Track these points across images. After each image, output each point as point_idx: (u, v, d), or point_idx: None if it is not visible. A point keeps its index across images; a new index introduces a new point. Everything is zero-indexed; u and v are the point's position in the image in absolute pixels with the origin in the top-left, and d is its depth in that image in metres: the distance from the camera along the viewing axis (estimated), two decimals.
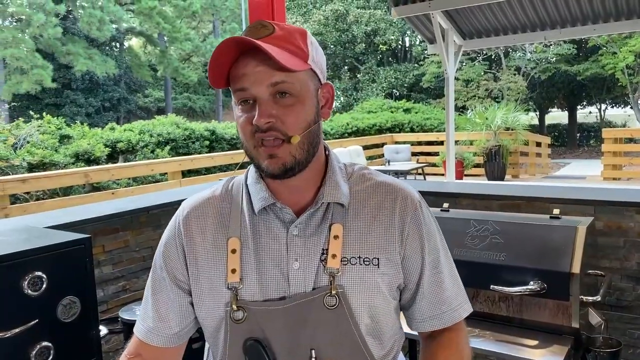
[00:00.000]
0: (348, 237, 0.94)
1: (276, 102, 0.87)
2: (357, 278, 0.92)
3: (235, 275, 0.92)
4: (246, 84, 0.86)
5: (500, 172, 10.50)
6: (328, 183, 0.96)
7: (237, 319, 0.92)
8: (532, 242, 1.84)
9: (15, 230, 1.70)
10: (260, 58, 0.85)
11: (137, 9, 23.82)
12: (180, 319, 1.00)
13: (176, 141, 8.85)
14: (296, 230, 0.93)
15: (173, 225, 1.01)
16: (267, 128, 0.86)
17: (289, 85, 0.86)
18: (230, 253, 0.94)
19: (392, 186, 1.00)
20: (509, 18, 6.22)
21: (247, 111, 0.88)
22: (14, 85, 20.11)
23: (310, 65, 0.91)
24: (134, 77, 26.79)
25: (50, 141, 7.21)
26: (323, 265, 0.92)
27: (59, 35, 21.03)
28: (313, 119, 0.91)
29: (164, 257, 1.00)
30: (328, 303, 0.91)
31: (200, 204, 1.01)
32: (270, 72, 0.85)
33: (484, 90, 17.32)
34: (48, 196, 6.22)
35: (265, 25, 0.89)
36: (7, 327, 1.37)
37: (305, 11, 22.37)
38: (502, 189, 2.57)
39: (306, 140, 0.90)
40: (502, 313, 1.90)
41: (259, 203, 0.94)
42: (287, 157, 0.88)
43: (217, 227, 0.97)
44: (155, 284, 1.01)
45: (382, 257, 0.94)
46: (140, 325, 1.02)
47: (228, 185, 1.03)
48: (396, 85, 21.81)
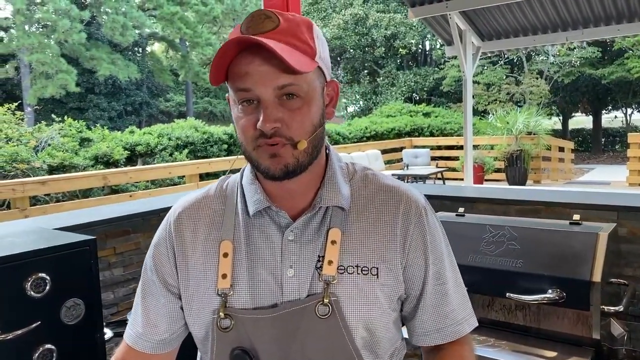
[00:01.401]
0: (346, 244, 0.88)
1: (282, 104, 0.80)
2: (354, 288, 0.86)
3: (226, 281, 0.87)
4: (249, 84, 0.79)
5: (521, 177, 10.32)
6: (327, 185, 0.90)
7: (224, 327, 0.87)
8: (551, 248, 1.77)
9: (24, 232, 1.69)
10: (264, 56, 0.78)
11: (159, 15, 24.17)
12: (170, 324, 0.95)
13: (195, 144, 8.91)
14: (292, 235, 0.88)
15: (164, 226, 0.97)
16: (271, 133, 0.80)
17: (296, 87, 0.80)
18: (222, 257, 0.89)
19: (396, 189, 0.94)
20: (529, 18, 6.08)
21: (249, 112, 0.81)
22: (39, 89, 20.54)
23: (318, 62, 0.84)
24: (156, 81, 27.16)
25: (71, 144, 7.32)
26: (319, 272, 0.86)
27: (83, 41, 21.43)
28: (319, 121, 0.85)
29: (154, 260, 0.96)
30: (320, 312, 0.85)
31: (193, 204, 0.96)
32: (277, 73, 0.78)
33: (505, 94, 17.08)
34: (68, 198, 6.31)
35: (270, 17, 0.82)
36: (10, 328, 1.35)
37: (325, 15, 22.39)
38: (520, 194, 2.49)
39: (311, 144, 0.84)
40: (519, 322, 1.83)
41: (254, 206, 0.89)
42: (289, 158, 0.82)
43: (210, 229, 0.92)
44: (145, 287, 0.97)
45: (382, 267, 0.88)
46: (130, 330, 0.98)
47: (223, 185, 0.98)
48: (416, 89, 21.68)
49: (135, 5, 23.48)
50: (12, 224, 2.22)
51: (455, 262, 0.99)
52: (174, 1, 24.19)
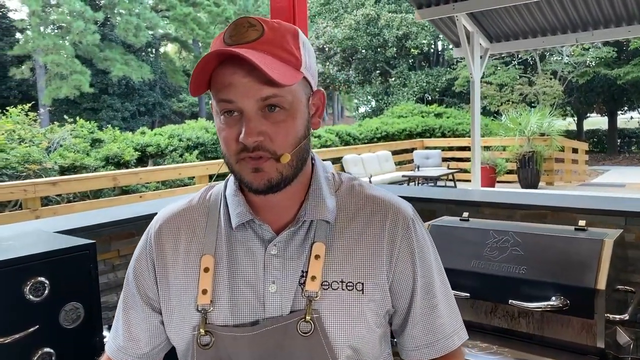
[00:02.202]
0: (331, 258, 0.86)
1: (265, 116, 0.78)
2: (338, 304, 0.84)
3: (206, 297, 0.85)
4: (232, 96, 0.77)
5: (533, 178, 10.21)
6: (312, 198, 0.87)
7: (204, 344, 0.85)
8: (555, 255, 1.74)
9: (24, 235, 1.70)
10: (247, 67, 0.76)
11: (172, 16, 24.36)
12: (150, 338, 0.93)
13: (205, 145, 8.94)
14: (275, 249, 0.85)
15: (145, 238, 0.95)
16: (255, 147, 0.78)
17: (280, 99, 0.78)
18: (203, 272, 0.86)
19: (382, 200, 0.91)
20: (537, 20, 6.02)
21: (231, 124, 0.79)
22: (54, 90, 20.81)
23: (303, 73, 0.82)
24: (169, 82, 27.36)
25: (82, 145, 7.39)
26: (302, 288, 0.84)
27: (97, 42, 21.69)
28: (304, 133, 0.83)
29: (134, 273, 0.94)
30: (302, 329, 0.82)
31: (174, 215, 0.94)
32: (260, 85, 0.76)
33: (518, 94, 16.93)
34: (79, 198, 6.36)
35: (254, 25, 0.79)
36: (8, 332, 1.36)
37: (337, 16, 22.38)
38: (526, 198, 2.46)
39: (295, 157, 0.81)
40: (522, 329, 1.80)
41: (237, 218, 0.86)
42: (273, 172, 0.80)
43: (191, 242, 0.90)
44: (127, 300, 0.95)
45: (368, 282, 0.86)
46: (112, 342, 0.96)
47: (206, 195, 0.95)
48: (428, 89, 21.58)
49: (148, 7, 23.68)
50: (13, 226, 2.24)
51: (445, 274, 0.97)
52: (186, 2, 24.37)
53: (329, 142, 10.93)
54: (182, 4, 24.17)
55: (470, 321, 1.86)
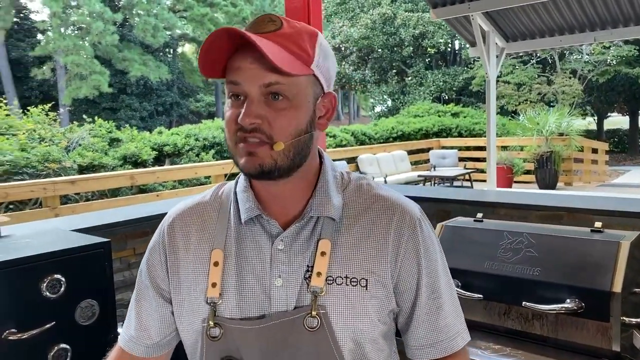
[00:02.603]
0: (336, 254, 0.87)
1: (267, 103, 0.81)
2: (342, 299, 0.85)
3: (215, 290, 0.88)
4: (239, 78, 0.81)
5: (551, 179, 10.08)
6: (318, 195, 0.89)
7: (213, 336, 0.87)
8: (570, 257, 1.72)
9: (42, 233, 1.73)
10: (256, 55, 0.79)
11: (189, 16, 24.57)
12: (161, 328, 0.96)
13: (221, 145, 9.01)
14: (281, 244, 0.87)
15: (159, 231, 0.98)
16: (251, 129, 0.80)
17: (282, 87, 0.80)
18: (213, 266, 0.89)
19: (389, 200, 0.92)
20: (554, 19, 5.94)
21: (236, 107, 0.82)
22: (74, 90, 21.15)
23: (313, 70, 0.84)
24: (186, 82, 27.62)
25: (100, 144, 7.50)
26: (307, 283, 0.86)
27: (116, 42, 21.98)
28: (305, 128, 0.84)
29: (147, 264, 0.97)
30: (309, 324, 0.84)
31: (187, 210, 0.97)
32: (265, 71, 0.79)
33: (536, 94, 16.73)
34: (97, 197, 6.46)
35: (274, 20, 0.84)
36: (25, 328, 1.39)
37: (353, 15, 22.34)
38: (541, 199, 2.43)
39: (292, 148, 0.83)
40: (536, 332, 1.78)
41: (245, 213, 0.89)
42: (266, 158, 0.81)
43: (202, 236, 0.93)
44: (139, 291, 0.98)
45: (371, 279, 0.87)
46: (124, 332, 1.00)
47: (218, 192, 0.98)
48: (445, 88, 21.43)
49: (166, 7, 23.92)
50: (31, 224, 2.28)
51: (450, 276, 0.97)
52: (204, 3, 24.56)
53: (344, 142, 10.92)
54: (200, 4, 24.36)
55: (483, 323, 1.85)
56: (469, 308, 1.84)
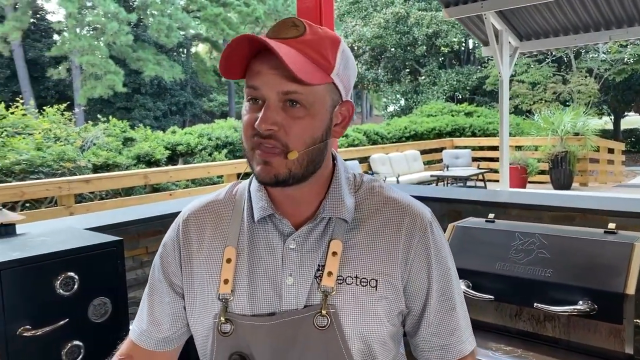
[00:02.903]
0: (347, 254, 0.88)
1: (285, 109, 0.81)
2: (352, 299, 0.86)
3: (227, 286, 0.89)
4: (258, 82, 0.81)
5: (566, 179, 9.97)
6: (331, 196, 0.90)
7: (225, 331, 0.88)
8: (582, 258, 1.70)
9: (56, 231, 1.76)
10: (277, 61, 0.79)
11: (203, 16, 24.70)
12: (173, 323, 0.98)
13: (234, 144, 9.05)
14: (293, 243, 0.89)
15: (174, 227, 1.00)
16: (267, 135, 0.81)
17: (301, 96, 0.81)
18: (225, 262, 0.90)
19: (401, 203, 0.93)
20: (569, 17, 5.86)
21: (253, 110, 0.83)
22: (89, 90, 21.39)
23: (333, 79, 0.84)
24: (200, 82, 27.78)
25: (115, 143, 7.58)
26: (317, 282, 0.87)
27: (130, 42, 22.18)
28: (321, 136, 0.85)
29: (161, 259, 0.99)
30: (318, 323, 0.85)
31: (202, 208, 0.98)
32: (283, 79, 0.79)
33: (551, 93, 16.55)
34: (111, 196, 6.53)
35: (297, 25, 0.83)
36: (40, 325, 1.41)
37: (366, 14, 22.29)
38: (554, 200, 2.40)
39: (307, 157, 0.83)
40: (548, 333, 1.76)
41: (258, 212, 0.90)
42: (281, 168, 0.82)
43: (216, 233, 0.94)
44: (152, 285, 1.00)
45: (381, 280, 0.88)
46: (135, 326, 1.01)
47: (232, 191, 1.00)
48: (458, 88, 21.29)
49: (180, 7, 24.07)
50: (47, 223, 2.32)
51: (459, 280, 0.98)
52: (217, 2, 24.67)
53: (356, 142, 10.91)
54: (213, 4, 24.48)
55: (495, 324, 1.84)
56: (480, 309, 1.84)
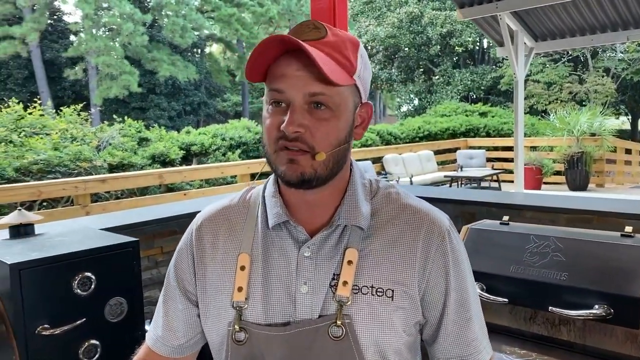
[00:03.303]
0: (362, 263, 0.87)
1: (310, 112, 0.81)
2: (367, 309, 0.85)
3: (242, 294, 0.88)
4: (283, 85, 0.81)
5: (582, 180, 9.85)
6: (346, 203, 0.89)
7: (239, 340, 0.87)
8: (598, 262, 1.68)
9: (73, 231, 1.78)
10: (303, 62, 0.79)
11: (217, 16, 24.82)
12: (187, 330, 0.98)
13: (247, 145, 9.08)
14: (308, 251, 0.87)
15: (187, 234, 1.00)
16: (294, 137, 0.80)
17: (327, 98, 0.80)
18: (239, 270, 0.90)
19: (418, 210, 0.91)
20: (585, 17, 5.77)
21: (277, 114, 0.82)
22: (104, 90, 21.61)
23: (355, 80, 0.85)
24: (214, 82, 27.92)
25: (130, 143, 7.64)
26: (332, 291, 0.85)
27: (145, 43, 22.36)
28: (344, 137, 0.85)
29: (175, 266, 0.99)
30: (333, 334, 0.84)
31: (215, 213, 0.98)
32: (311, 80, 0.79)
33: (567, 93, 16.36)
34: (126, 195, 6.59)
35: (318, 28, 0.83)
36: (58, 324, 1.43)
37: (379, 14, 22.22)
38: (570, 202, 2.38)
39: (332, 158, 0.83)
40: (563, 337, 1.75)
41: (273, 219, 0.89)
42: (307, 167, 0.81)
43: (229, 240, 0.93)
44: (167, 291, 1.00)
45: (398, 289, 0.86)
46: (151, 331, 1.02)
47: (246, 196, 0.99)
48: (472, 87, 21.14)
49: (194, 8, 24.22)
50: (64, 223, 2.35)
51: (476, 287, 0.96)
52: (231, 3, 24.77)
53: (369, 142, 10.88)
54: (227, 4, 24.59)
55: (509, 327, 1.83)
56: (494, 312, 1.83)
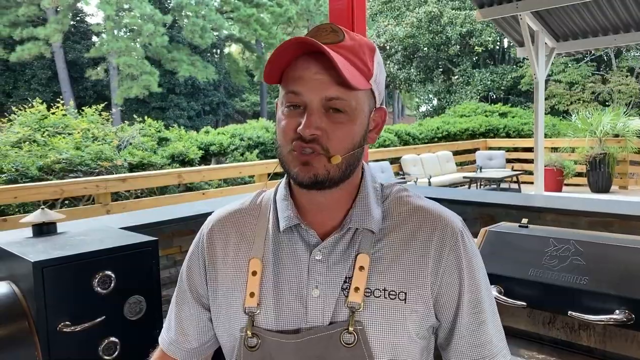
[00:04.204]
0: (375, 266, 0.86)
1: (327, 115, 0.81)
2: (380, 313, 0.84)
3: (254, 300, 0.88)
4: (300, 88, 0.81)
5: (605, 182, 9.67)
6: (358, 206, 0.89)
7: (251, 345, 0.87)
8: (619, 266, 1.65)
9: (94, 230, 1.81)
10: (322, 65, 0.80)
11: (236, 17, 25.00)
12: (200, 334, 0.98)
13: (265, 145, 9.11)
14: (319, 254, 0.87)
15: (198, 237, 1.00)
16: (309, 140, 0.80)
17: (344, 102, 0.81)
18: (251, 275, 0.89)
19: (431, 212, 0.90)
20: (608, 17, 5.65)
21: (293, 115, 0.82)
22: (125, 90, 21.92)
23: (371, 85, 0.85)
24: (232, 82, 28.13)
25: (150, 143, 7.73)
26: (344, 295, 0.85)
27: (166, 44, 22.64)
28: (359, 141, 0.85)
29: (187, 270, 0.99)
30: (345, 340, 0.83)
31: (226, 217, 0.97)
32: (329, 84, 0.80)
33: (589, 93, 16.08)
34: (146, 194, 6.67)
35: (336, 31, 0.83)
36: (78, 321, 1.46)
37: (398, 14, 22.11)
38: (591, 205, 2.34)
39: (345, 161, 0.84)
40: (583, 342, 1.72)
41: (284, 222, 0.89)
42: (321, 169, 0.82)
43: (240, 244, 0.93)
44: (179, 295, 1.01)
45: (411, 292, 0.85)
46: (164, 335, 1.02)
47: (257, 199, 0.99)
48: (492, 87, 20.91)
49: (214, 9, 24.41)
50: (85, 222, 2.39)
51: (491, 290, 0.95)
52: (250, 3, 24.92)
53: (387, 142, 10.84)
54: (246, 5, 24.75)
55: (527, 331, 1.81)
56: (512, 315, 1.81)
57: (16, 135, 6.98)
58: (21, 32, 20.38)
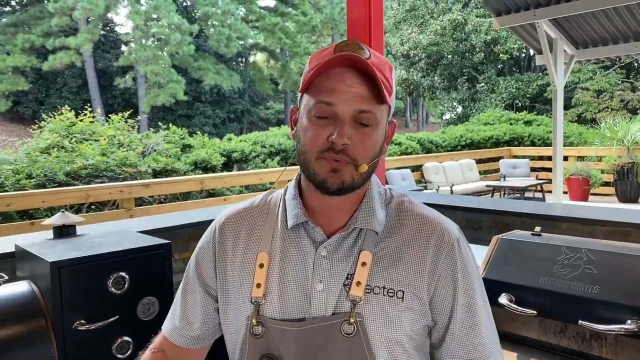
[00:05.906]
0: (375, 265, 0.91)
1: (355, 126, 0.87)
2: (378, 308, 0.89)
3: (260, 290, 0.93)
4: (335, 100, 0.86)
5: (633, 192, 9.44)
6: (364, 208, 0.94)
7: (256, 333, 0.92)
8: (632, 275, 1.63)
9: (111, 233, 1.87)
10: (356, 79, 0.86)
11: (261, 26, 25.29)
12: (204, 322, 1.03)
13: (286, 152, 9.19)
14: (324, 251, 0.92)
15: (210, 230, 1.05)
16: (340, 149, 0.86)
17: (371, 115, 0.87)
18: (258, 267, 0.95)
19: (429, 220, 0.96)
20: (629, 24, 5.52)
21: (322, 125, 0.87)
22: (152, 98, 22.35)
23: (389, 101, 0.91)
24: (257, 90, 28.41)
25: (174, 150, 7.88)
26: (346, 290, 0.90)
27: (192, 52, 23.02)
28: (378, 152, 0.92)
29: (196, 261, 1.04)
30: (345, 331, 0.88)
31: (238, 213, 1.03)
32: (362, 98, 0.86)
33: (618, 101, 15.74)
34: (169, 200, 6.79)
35: (362, 48, 0.89)
36: (93, 320, 1.50)
37: (422, 22, 22.06)
38: (607, 214, 2.31)
39: (369, 170, 0.90)
40: (594, 352, 1.70)
41: (292, 219, 0.94)
42: (347, 176, 0.87)
43: (250, 239, 0.99)
44: (186, 284, 1.05)
45: (408, 291, 0.91)
46: (168, 322, 1.07)
47: (267, 198, 1.04)
48: (517, 95, 20.64)
49: (239, 18, 24.74)
50: (104, 225, 2.46)
51: (486, 296, 0.99)
52: (275, 12, 25.19)
53: (409, 150, 10.81)
54: (271, 14, 25.02)
55: (539, 340, 1.79)
56: (522, 324, 1.79)
57: (45, 142, 7.20)
58: (54, 41, 20.98)
